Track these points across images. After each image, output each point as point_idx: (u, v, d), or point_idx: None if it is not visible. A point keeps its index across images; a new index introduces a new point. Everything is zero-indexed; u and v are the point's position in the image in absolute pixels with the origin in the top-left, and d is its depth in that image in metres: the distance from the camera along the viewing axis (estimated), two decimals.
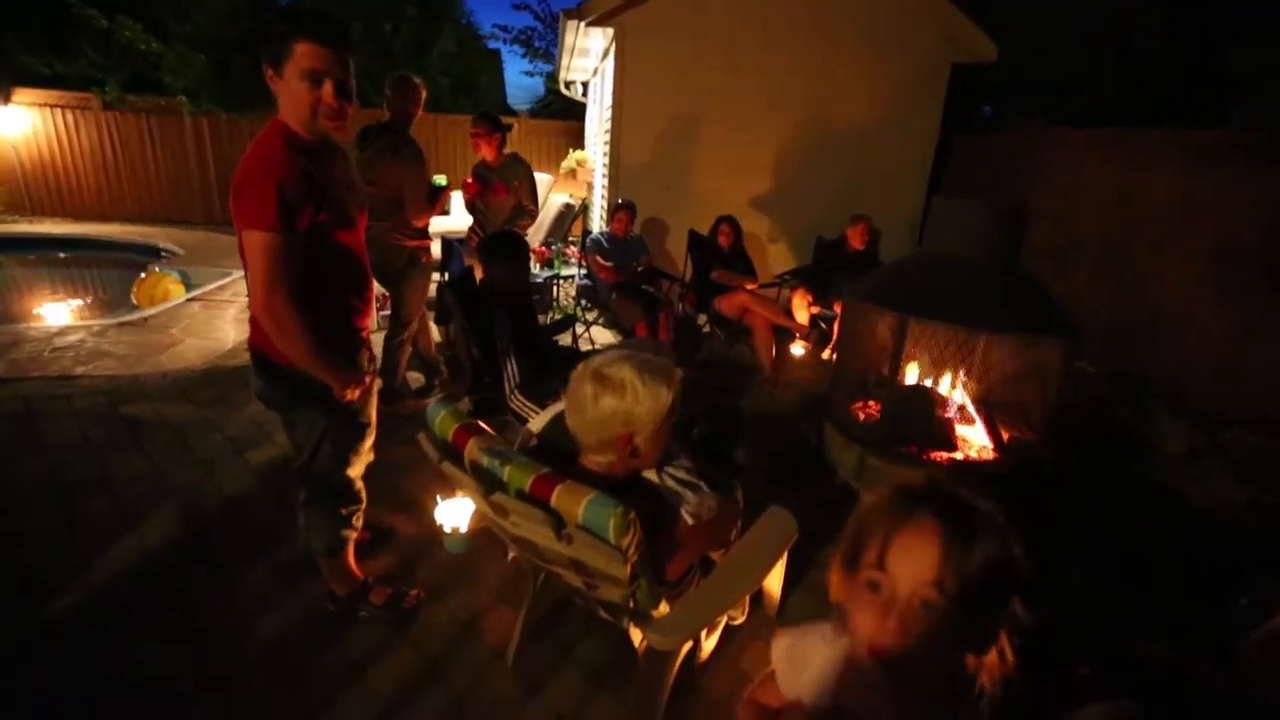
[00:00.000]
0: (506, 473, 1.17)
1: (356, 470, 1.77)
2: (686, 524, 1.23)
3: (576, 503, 1.08)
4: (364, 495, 1.83)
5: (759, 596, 1.92)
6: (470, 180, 3.55)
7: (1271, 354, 3.67)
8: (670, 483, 1.25)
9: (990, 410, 2.80)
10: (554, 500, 1.10)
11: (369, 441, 1.78)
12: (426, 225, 3.04)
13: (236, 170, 1.38)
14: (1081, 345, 2.60)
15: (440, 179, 3.00)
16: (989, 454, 2.72)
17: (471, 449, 1.23)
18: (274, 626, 1.87)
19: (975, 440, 2.80)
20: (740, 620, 1.80)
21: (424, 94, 2.99)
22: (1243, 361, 3.82)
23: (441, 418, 1.31)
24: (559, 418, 1.32)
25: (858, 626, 0.71)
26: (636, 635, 1.45)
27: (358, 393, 1.59)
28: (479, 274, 2.60)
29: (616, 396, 1.18)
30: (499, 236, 2.62)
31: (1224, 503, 3.00)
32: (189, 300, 5.01)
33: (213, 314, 4.72)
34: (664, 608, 1.32)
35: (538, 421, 1.48)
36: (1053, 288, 2.64)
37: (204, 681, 1.69)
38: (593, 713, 1.65)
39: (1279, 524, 2.80)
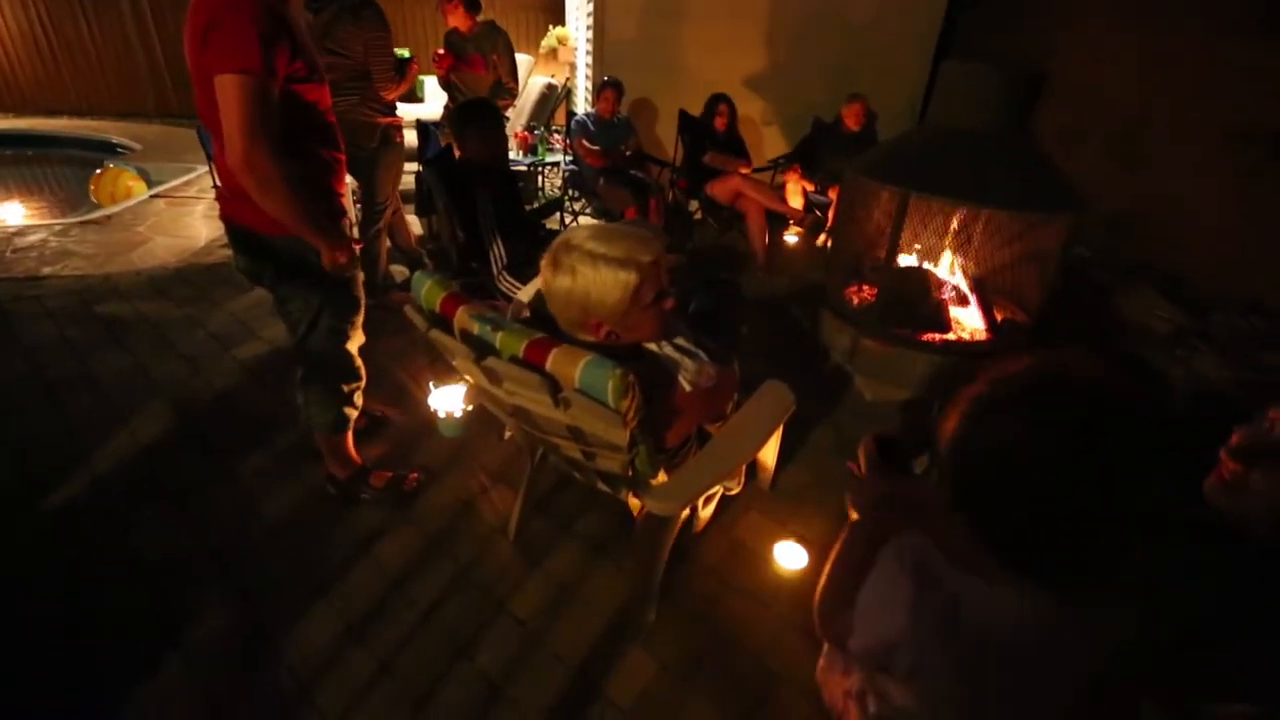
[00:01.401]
0: (499, 339, 1.13)
1: (354, 344, 1.73)
2: (684, 391, 1.21)
3: (573, 364, 1.04)
4: (363, 372, 1.80)
5: (754, 469, 1.96)
6: (442, 52, 3.26)
7: (1267, 240, 3.62)
8: (669, 350, 1.22)
9: (985, 291, 2.77)
10: (549, 364, 1.07)
11: (361, 315, 1.73)
12: (393, 102, 2.82)
13: (197, 12, 1.24)
14: (1083, 228, 2.51)
15: (404, 51, 2.74)
16: (982, 335, 2.71)
17: (461, 317, 1.18)
18: (277, 509, 1.90)
19: (969, 322, 2.78)
20: (736, 490, 1.85)
21: None
22: (1241, 246, 3.77)
23: (428, 287, 1.25)
24: None
25: None
26: (635, 505, 1.48)
27: (345, 257, 1.51)
28: (457, 152, 2.44)
29: (568, 279, 1.13)
30: (468, 103, 2.43)
31: (1205, 380, 3.06)
32: (153, 197, 4.75)
33: (180, 211, 4.49)
34: (662, 476, 1.33)
35: (527, 292, 1.43)
36: (1061, 166, 2.51)
37: (213, 563, 1.73)
38: (593, 580, 1.72)
39: (1258, 397, 2.86)
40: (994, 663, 0.71)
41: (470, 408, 2.19)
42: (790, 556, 1.78)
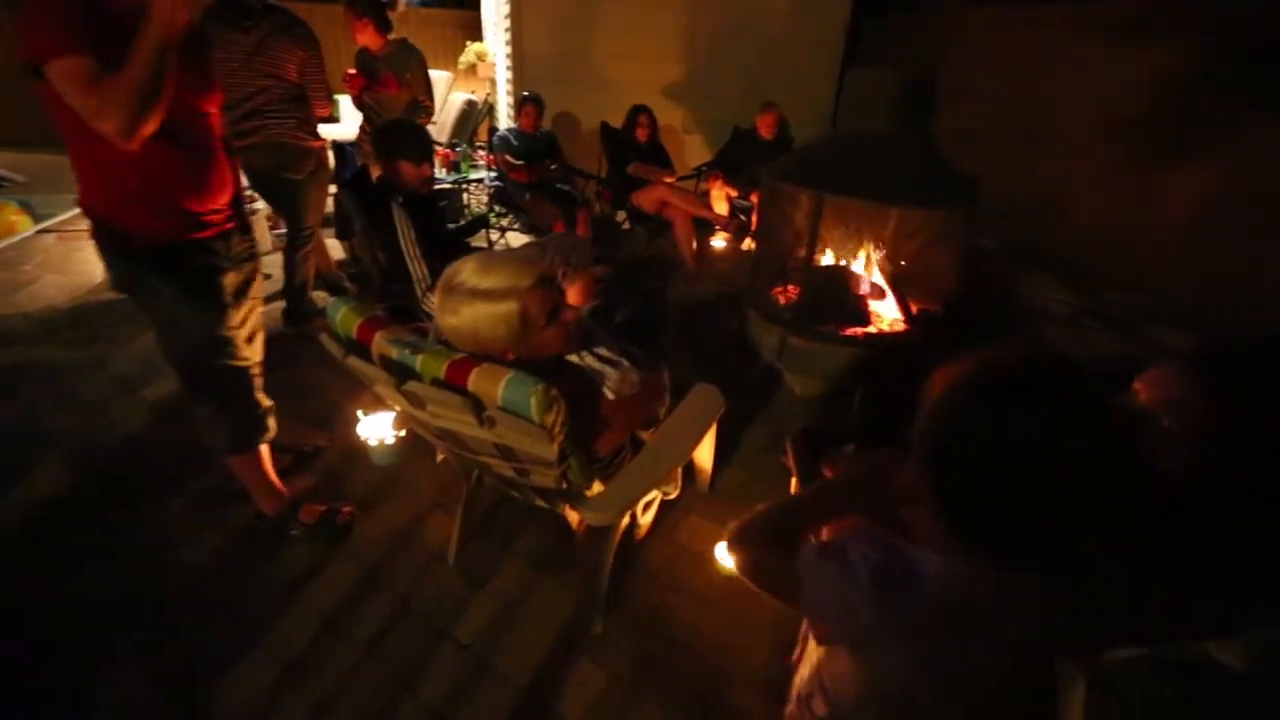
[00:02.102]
0: (419, 362, 1.11)
1: (247, 353, 1.62)
2: (610, 400, 1.23)
3: (495, 383, 1.04)
4: (260, 393, 1.70)
5: (692, 472, 2.00)
6: (354, 71, 3.18)
7: (1147, 222, 3.98)
8: (590, 361, 1.24)
9: (900, 285, 2.92)
10: (471, 384, 1.06)
11: (247, 316, 1.61)
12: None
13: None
14: (982, 219, 2.70)
15: None
16: (900, 326, 2.86)
17: (379, 342, 1.16)
18: (200, 555, 1.80)
19: (887, 314, 2.93)
20: (674, 495, 1.88)
21: None
22: (1123, 230, 4.13)
23: (343, 313, 1.22)
24: None
25: None
26: (574, 517, 1.48)
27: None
28: (375, 173, 2.38)
29: (454, 318, 1.13)
30: (391, 124, 2.38)
31: (1096, 354, 3.32)
32: (40, 232, 4.41)
33: (71, 246, 4.18)
34: (597, 487, 1.34)
35: None
36: (958, 165, 2.69)
37: (132, 617, 1.61)
38: (537, 596, 1.71)
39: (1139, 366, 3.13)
40: (944, 630, 0.73)
41: (402, 433, 2.14)
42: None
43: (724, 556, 1.82)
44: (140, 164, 1.30)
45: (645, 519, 1.71)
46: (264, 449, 1.75)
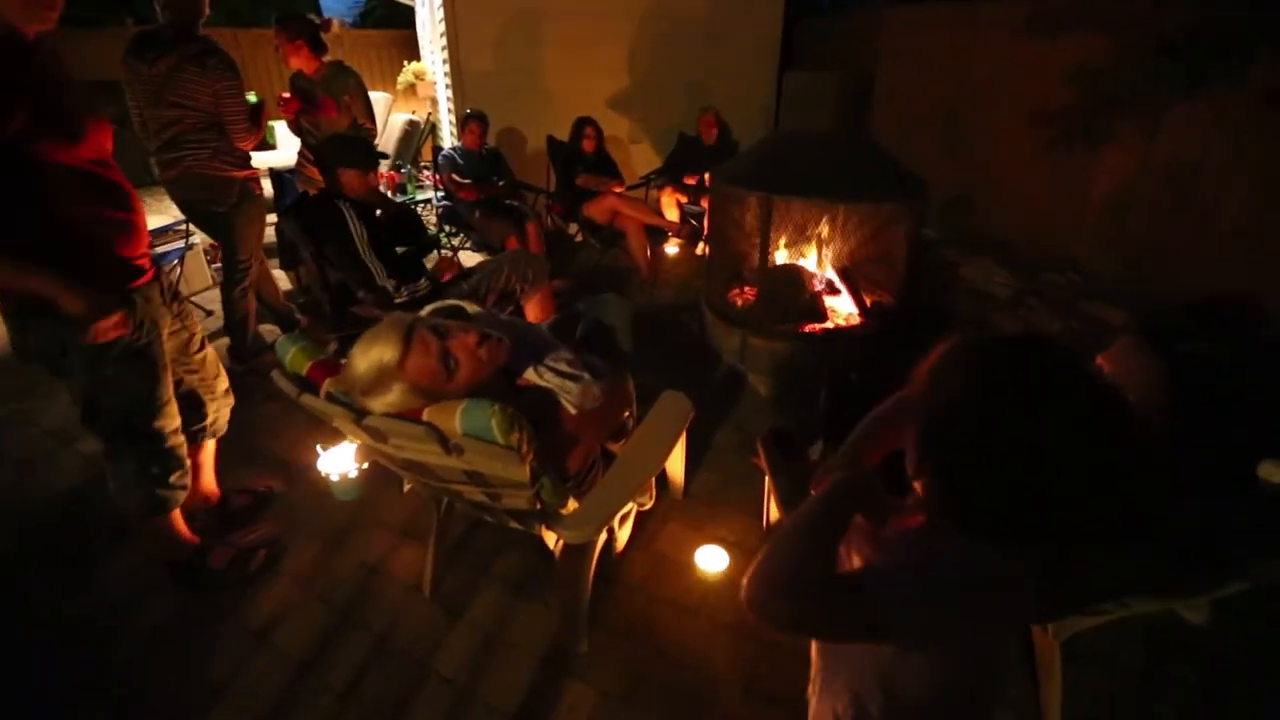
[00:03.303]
0: (371, 406, 1.08)
1: (163, 422, 1.56)
2: (572, 415, 1.21)
3: (451, 415, 1.02)
4: (183, 454, 1.64)
5: (665, 480, 2.00)
6: (287, 96, 3.09)
7: (1073, 205, 4.20)
8: (549, 378, 1.22)
9: (853, 278, 2.99)
10: (426, 416, 1.04)
11: (165, 389, 1.56)
12: (249, 152, 2.64)
13: None
14: (927, 210, 2.79)
15: (251, 96, 2.58)
16: (856, 319, 2.93)
17: (329, 384, 1.12)
18: (152, 615, 1.70)
19: (842, 309, 2.99)
20: (649, 505, 1.87)
21: None
22: (1053, 214, 4.34)
23: (293, 355, 1.17)
24: None
25: None
26: (550, 538, 1.46)
27: (113, 322, 1.37)
28: (319, 186, 2.34)
29: (371, 409, 1.11)
30: (335, 135, 2.32)
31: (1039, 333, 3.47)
32: None
33: None
34: (572, 504, 1.32)
35: None
36: (900, 158, 2.78)
37: (92, 686, 1.51)
38: (519, 621, 1.67)
39: (1083, 343, 3.29)
40: (989, 600, 0.72)
41: (365, 465, 2.08)
42: (712, 560, 1.82)
43: (703, 561, 1.82)
44: (67, 221, 1.26)
45: (623, 532, 1.70)
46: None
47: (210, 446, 1.91)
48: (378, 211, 2.32)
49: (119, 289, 1.42)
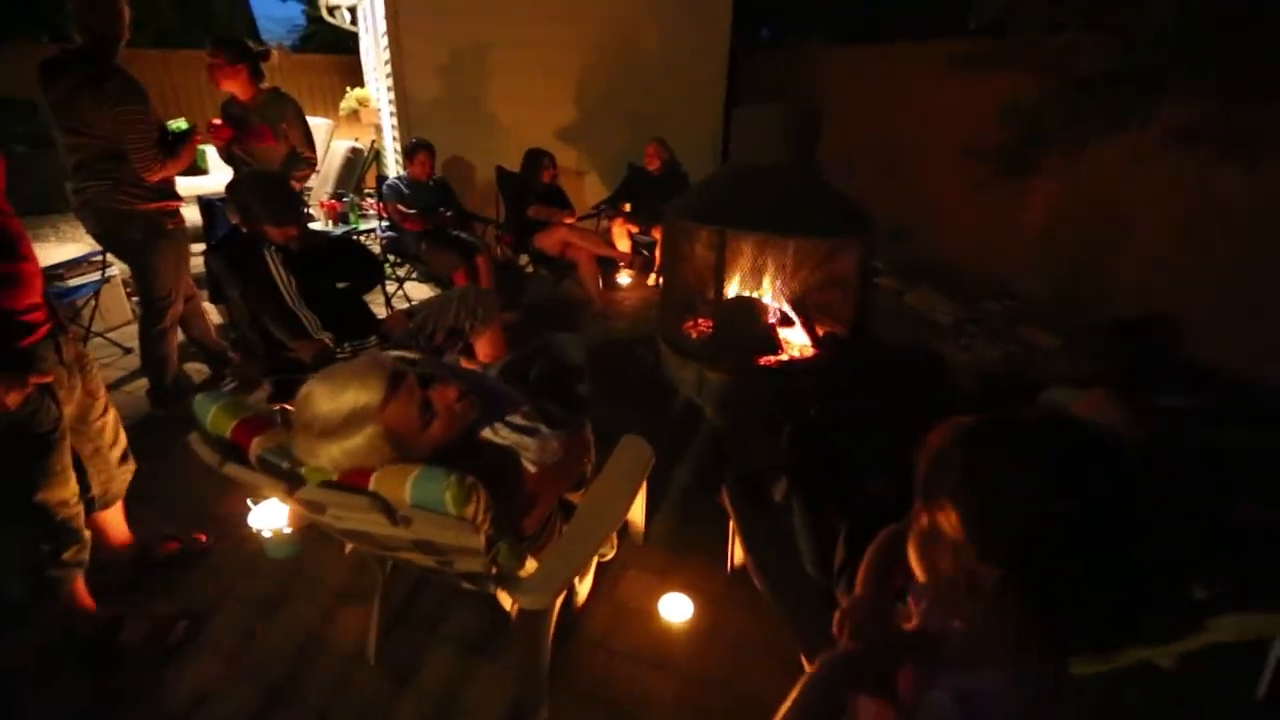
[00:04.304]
0: (306, 471, 0.98)
1: (54, 494, 1.40)
2: (531, 473, 1.14)
3: (400, 483, 0.93)
4: (78, 525, 1.47)
5: (624, 526, 1.92)
6: (218, 122, 2.93)
7: (1006, 234, 4.41)
8: (505, 434, 1.15)
9: (806, 309, 3.02)
10: (372, 484, 0.94)
11: (60, 458, 1.40)
12: (168, 182, 2.47)
13: None
14: (875, 241, 2.86)
15: (180, 123, 2.43)
16: (809, 351, 2.95)
17: (255, 450, 1.01)
18: (51, 705, 1.50)
19: (796, 340, 3.02)
20: (610, 555, 1.79)
21: (126, 7, 2.27)
22: (988, 243, 4.55)
23: (214, 414, 1.06)
24: None
25: None
26: (507, 600, 1.37)
27: (11, 395, 1.23)
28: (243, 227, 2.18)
29: (321, 461, 1.02)
30: (246, 180, 2.17)
31: (982, 359, 3.59)
32: None
33: None
34: (530, 564, 1.24)
35: None
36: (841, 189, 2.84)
37: None
38: (474, 687, 1.56)
39: (1022, 365, 3.42)
40: None
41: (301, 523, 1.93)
42: (676, 609, 1.75)
43: (667, 610, 1.75)
44: None
45: (583, 586, 1.62)
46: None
47: (111, 510, 1.72)
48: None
49: (3, 350, 1.26)
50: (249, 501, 1.95)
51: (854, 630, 0.85)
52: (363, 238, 4.52)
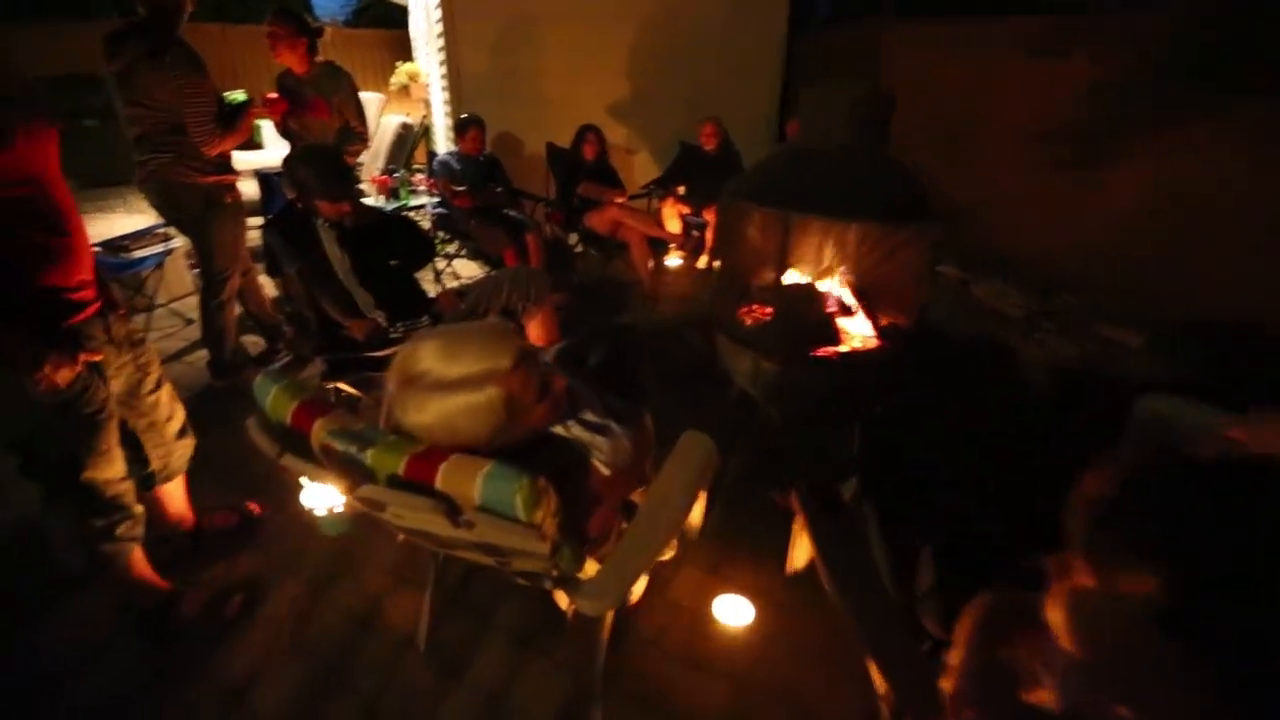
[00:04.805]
0: (369, 457, 0.92)
1: (102, 472, 1.39)
2: (603, 475, 1.07)
3: (470, 480, 0.87)
4: (128, 502, 1.47)
5: None
6: (274, 96, 2.92)
7: (1081, 223, 4.12)
8: (578, 431, 1.07)
9: (869, 299, 2.87)
10: (440, 482, 0.88)
11: (106, 438, 1.39)
12: (225, 155, 2.47)
13: None
14: (946, 229, 2.69)
15: (237, 94, 2.41)
16: (871, 342, 2.80)
17: (319, 432, 0.96)
18: (104, 680, 1.51)
19: (856, 330, 2.87)
20: (670, 556, 1.72)
21: None
22: (1060, 232, 4.26)
23: (274, 395, 1.01)
24: None
25: None
26: (563, 599, 1.31)
27: (61, 373, 1.22)
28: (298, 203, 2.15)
29: (423, 416, 0.95)
30: (299, 155, 2.13)
31: (1056, 356, 3.37)
32: None
33: None
34: (590, 566, 1.17)
35: None
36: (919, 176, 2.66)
37: None
38: (525, 682, 1.52)
39: (1101, 368, 3.20)
40: None
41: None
42: (733, 611, 1.67)
43: (723, 613, 1.68)
44: None
45: (638, 585, 1.55)
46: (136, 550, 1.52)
47: (173, 484, 1.73)
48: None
49: (50, 328, 1.24)
50: (303, 479, 1.94)
51: (973, 710, 0.74)
52: (413, 214, 4.52)
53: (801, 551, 1.71)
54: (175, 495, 1.75)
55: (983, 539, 1.28)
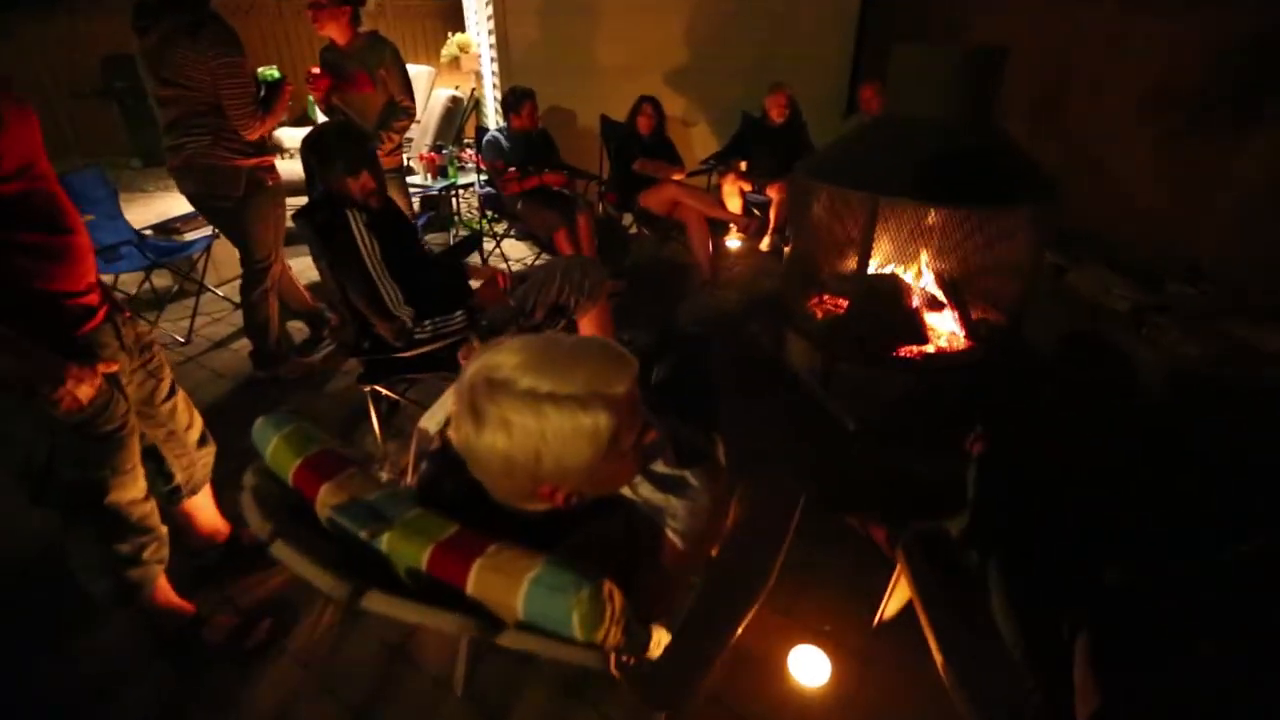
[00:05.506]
0: (385, 542, 0.72)
1: (125, 494, 1.27)
2: (677, 547, 0.85)
3: (512, 589, 0.65)
4: (154, 524, 1.35)
5: None
6: (317, 71, 2.76)
7: (1201, 202, 3.60)
8: (647, 492, 0.86)
9: (960, 293, 2.54)
10: (472, 586, 0.67)
11: (129, 456, 1.27)
12: (264, 137, 2.32)
13: None
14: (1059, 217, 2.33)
15: (270, 71, 2.26)
16: (960, 343, 2.48)
17: (325, 500, 0.77)
18: (126, 709, 1.41)
19: (944, 328, 2.55)
20: None
21: None
22: (1173, 211, 3.74)
23: (275, 446, 0.82)
24: None
25: None
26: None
27: (83, 388, 1.09)
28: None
29: (500, 436, 0.72)
30: (318, 133, 1.95)
31: (1174, 356, 2.95)
32: None
33: None
34: (657, 634, 0.97)
35: (434, 417, 1.03)
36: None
37: None
38: None
39: (1236, 371, 2.77)
40: None
41: None
42: (810, 667, 1.45)
43: (798, 668, 1.46)
44: None
45: None
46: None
47: (199, 496, 1.61)
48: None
49: (63, 339, 1.11)
50: None
51: None
52: (461, 193, 4.36)
53: (897, 600, 1.47)
54: (204, 507, 1.63)
55: (1157, 617, 1.01)
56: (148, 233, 3.32)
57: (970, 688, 1.05)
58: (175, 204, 4.45)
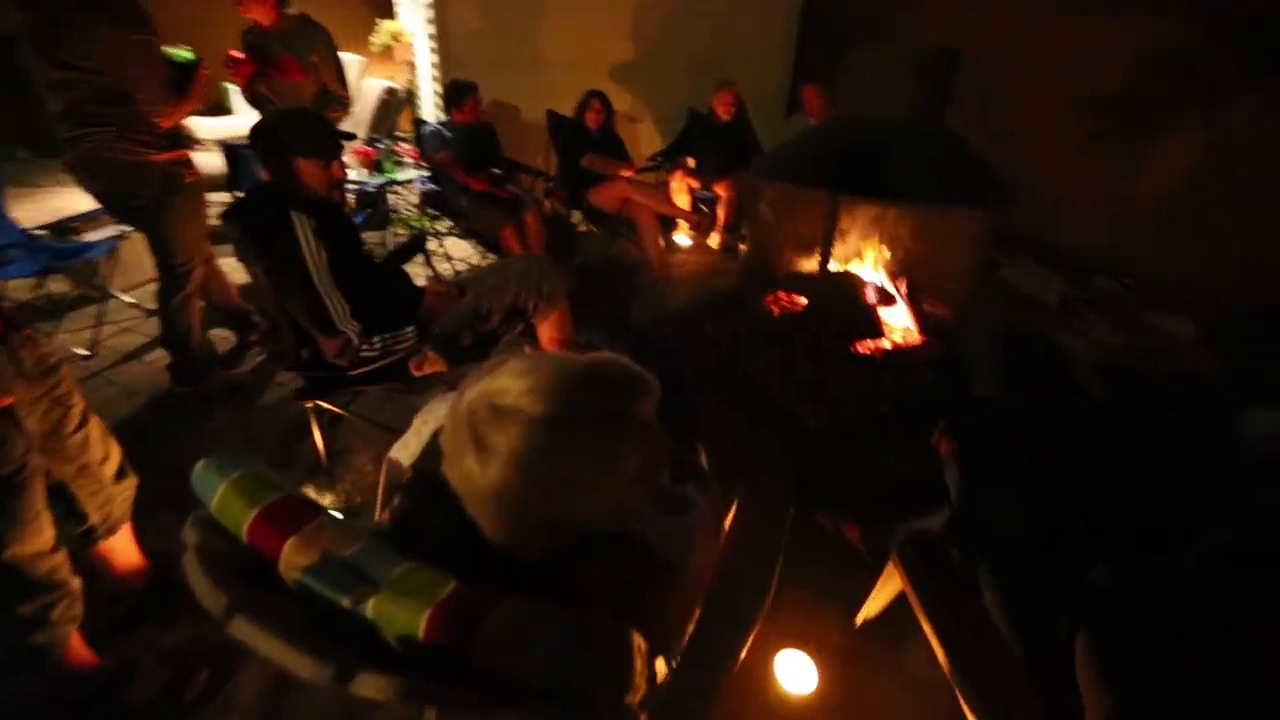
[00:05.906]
0: (372, 608, 0.61)
1: (27, 547, 1.11)
2: (680, 575, 0.78)
3: (523, 649, 0.57)
4: (63, 577, 1.18)
5: None
6: (239, 55, 2.53)
7: (1126, 200, 3.83)
8: (651, 515, 0.79)
9: (914, 289, 2.59)
10: (479, 654, 0.57)
11: (29, 503, 1.11)
12: (178, 126, 2.10)
13: None
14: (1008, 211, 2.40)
15: (181, 51, 2.03)
16: (914, 337, 2.53)
17: (291, 561, 0.64)
18: None
19: (897, 323, 2.60)
20: None
21: None
22: (1100, 209, 3.97)
23: (222, 496, 0.67)
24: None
25: None
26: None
27: None
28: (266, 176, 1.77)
29: (508, 471, 0.63)
30: (284, 114, 1.76)
31: (1102, 348, 3.12)
32: None
33: None
34: (662, 665, 0.90)
35: (406, 448, 0.92)
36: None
37: None
38: None
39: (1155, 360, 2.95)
40: None
41: None
42: (795, 673, 1.42)
43: (784, 674, 1.43)
44: None
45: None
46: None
47: (118, 535, 1.43)
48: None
49: None
50: None
51: None
52: (399, 189, 4.14)
53: (877, 601, 1.46)
54: (122, 547, 1.44)
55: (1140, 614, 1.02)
56: (40, 233, 2.96)
57: (974, 685, 1.04)
58: (73, 201, 4.03)
